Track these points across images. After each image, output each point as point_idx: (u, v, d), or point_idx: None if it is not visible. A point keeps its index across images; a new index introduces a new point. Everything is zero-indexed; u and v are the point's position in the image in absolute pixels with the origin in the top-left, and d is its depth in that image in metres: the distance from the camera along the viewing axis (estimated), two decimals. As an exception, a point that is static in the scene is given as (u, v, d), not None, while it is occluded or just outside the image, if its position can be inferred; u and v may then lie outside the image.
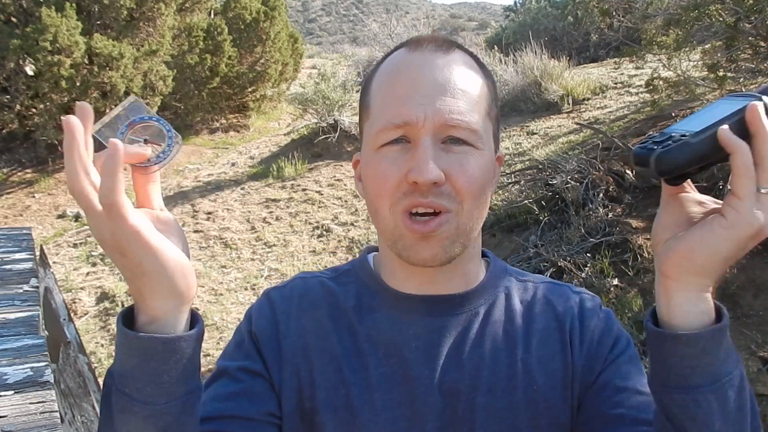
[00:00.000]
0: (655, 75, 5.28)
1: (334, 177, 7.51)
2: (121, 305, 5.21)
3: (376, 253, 0.85)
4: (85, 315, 5.19)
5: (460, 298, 0.76)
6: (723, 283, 3.34)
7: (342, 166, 7.84)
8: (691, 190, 0.62)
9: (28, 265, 2.83)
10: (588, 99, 7.50)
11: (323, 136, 8.23)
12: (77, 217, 8.00)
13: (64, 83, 8.25)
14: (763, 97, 0.56)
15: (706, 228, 0.56)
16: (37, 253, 3.24)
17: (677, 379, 0.58)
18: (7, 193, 8.61)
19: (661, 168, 0.56)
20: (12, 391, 1.63)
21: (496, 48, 10.41)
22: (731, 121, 0.55)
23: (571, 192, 4.52)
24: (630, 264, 3.75)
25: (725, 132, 0.54)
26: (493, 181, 0.75)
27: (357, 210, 6.45)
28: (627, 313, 3.34)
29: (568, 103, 7.42)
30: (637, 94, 7.13)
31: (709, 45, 4.87)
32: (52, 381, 1.71)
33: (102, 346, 4.71)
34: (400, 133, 0.69)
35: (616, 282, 3.69)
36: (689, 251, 0.57)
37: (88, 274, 5.92)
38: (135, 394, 0.56)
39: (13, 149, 9.43)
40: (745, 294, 3.34)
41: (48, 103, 8.49)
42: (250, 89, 11.40)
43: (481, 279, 0.79)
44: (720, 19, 4.19)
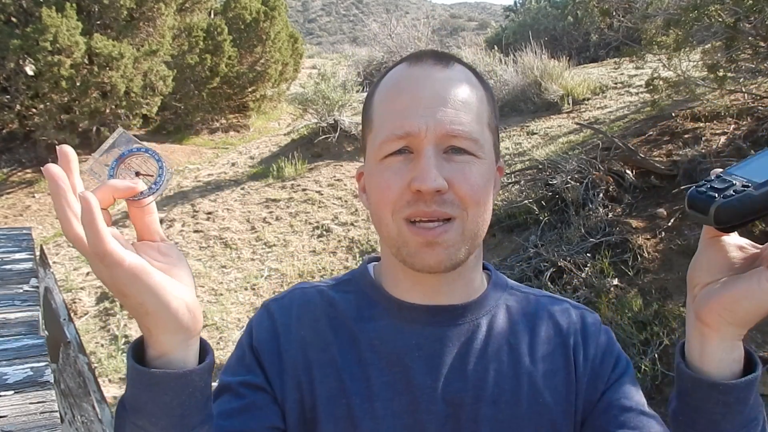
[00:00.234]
0: (655, 75, 5.28)
1: (334, 177, 7.51)
2: (121, 306, 5.22)
3: (376, 263, 0.85)
4: (85, 315, 5.19)
5: (462, 308, 0.76)
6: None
7: (342, 166, 7.84)
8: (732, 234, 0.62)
9: (28, 265, 2.83)
10: (588, 99, 7.50)
11: (323, 136, 8.23)
12: (77, 217, 8.00)
13: (64, 83, 8.25)
14: None
15: (754, 282, 0.57)
16: (37, 253, 3.24)
17: (707, 425, 0.61)
18: (7, 193, 8.62)
19: (721, 219, 0.55)
20: (12, 391, 1.62)
21: (496, 48, 10.41)
22: None
23: (571, 192, 4.52)
24: (630, 264, 3.74)
25: None
26: (494, 191, 0.76)
27: (357, 210, 6.45)
28: (627, 313, 3.34)
29: (568, 103, 7.42)
30: (637, 94, 7.13)
31: (709, 45, 4.86)
32: (52, 381, 1.71)
33: (102, 346, 4.71)
34: (403, 144, 0.70)
35: (616, 282, 3.69)
36: (732, 303, 0.58)
37: (88, 274, 5.93)
38: (149, 428, 0.57)
39: (13, 149, 9.43)
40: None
41: (48, 103, 8.49)
42: (250, 89, 11.40)
43: (482, 290, 0.79)
44: (720, 20, 4.19)
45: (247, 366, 0.75)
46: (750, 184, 0.54)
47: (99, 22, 9.20)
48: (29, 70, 8.58)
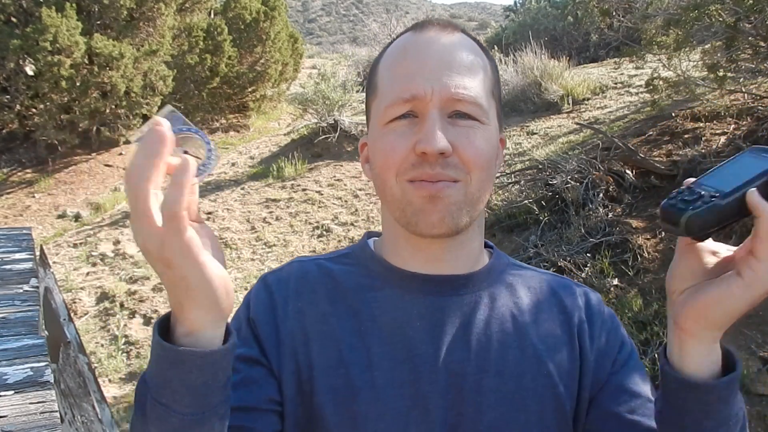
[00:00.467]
0: (655, 75, 5.27)
1: (334, 177, 7.51)
2: (121, 306, 5.22)
3: (376, 238, 0.85)
4: (85, 315, 5.19)
5: (464, 279, 0.76)
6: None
7: (342, 166, 7.84)
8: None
9: (28, 265, 2.83)
10: (588, 99, 7.50)
11: (323, 136, 8.23)
12: (77, 217, 8.01)
13: (64, 83, 8.26)
14: None
15: (723, 287, 0.59)
16: (37, 253, 3.25)
17: (691, 423, 0.63)
18: (7, 193, 8.62)
19: (691, 229, 0.57)
20: (12, 391, 1.63)
21: (496, 48, 10.43)
22: (759, 182, 0.57)
23: (571, 192, 4.52)
24: (630, 264, 3.75)
25: (754, 196, 0.56)
26: (497, 160, 0.76)
27: (357, 210, 6.46)
28: (627, 313, 3.34)
29: (568, 103, 7.42)
30: (637, 94, 7.13)
31: (709, 45, 4.86)
32: (52, 381, 1.71)
33: (102, 346, 4.71)
34: (408, 108, 0.70)
35: (616, 282, 3.69)
36: (705, 309, 0.60)
37: (88, 274, 5.93)
38: (173, 405, 0.56)
39: (13, 149, 9.43)
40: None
41: (48, 103, 8.50)
42: (250, 89, 11.41)
43: (485, 264, 0.80)
44: (720, 19, 4.19)
45: (243, 339, 0.74)
46: (717, 194, 0.57)
47: (99, 22, 9.20)
48: (29, 70, 8.58)
